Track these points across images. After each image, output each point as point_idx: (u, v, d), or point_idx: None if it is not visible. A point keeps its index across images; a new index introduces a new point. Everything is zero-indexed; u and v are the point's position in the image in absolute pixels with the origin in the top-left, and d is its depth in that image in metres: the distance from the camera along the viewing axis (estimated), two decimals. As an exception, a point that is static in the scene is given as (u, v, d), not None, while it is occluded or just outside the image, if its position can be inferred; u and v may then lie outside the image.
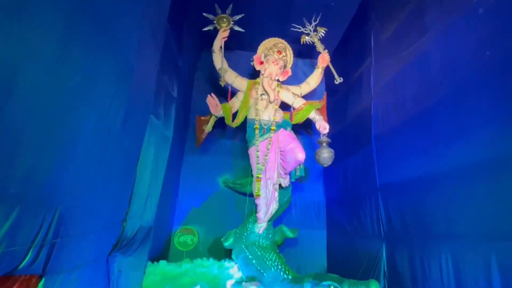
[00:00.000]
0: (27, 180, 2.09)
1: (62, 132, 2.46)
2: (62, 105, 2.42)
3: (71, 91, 2.49)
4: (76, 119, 2.64)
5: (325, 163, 5.44)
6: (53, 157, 2.35)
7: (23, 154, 2.05)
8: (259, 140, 5.98)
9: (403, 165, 4.61)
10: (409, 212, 4.40)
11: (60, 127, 2.43)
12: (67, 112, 2.49)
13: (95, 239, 3.29)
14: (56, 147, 2.39)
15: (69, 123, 2.53)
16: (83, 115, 2.74)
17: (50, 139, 2.31)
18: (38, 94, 2.12)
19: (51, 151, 2.33)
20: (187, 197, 7.50)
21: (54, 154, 2.37)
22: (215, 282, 5.34)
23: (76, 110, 2.61)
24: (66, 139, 2.52)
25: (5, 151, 1.91)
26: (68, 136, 2.54)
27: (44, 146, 2.24)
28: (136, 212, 4.31)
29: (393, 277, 4.65)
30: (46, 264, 2.46)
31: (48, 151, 2.29)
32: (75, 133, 2.64)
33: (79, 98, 2.62)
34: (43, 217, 2.32)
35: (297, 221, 7.39)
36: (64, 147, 2.49)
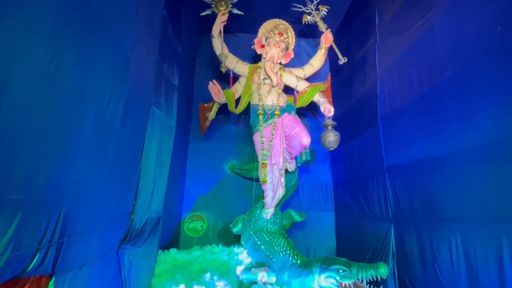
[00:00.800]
0: (28, 184, 2.08)
1: (60, 133, 2.43)
2: (59, 105, 2.38)
3: (67, 90, 2.44)
4: (75, 118, 2.60)
5: (331, 146, 5.37)
6: (53, 158, 2.34)
7: (22, 159, 2.03)
8: (263, 125, 5.91)
9: (410, 146, 4.52)
10: (417, 194, 4.34)
11: (58, 127, 2.40)
12: (64, 111, 2.46)
13: (103, 234, 3.33)
14: (55, 148, 2.37)
15: (67, 123, 2.50)
16: (81, 113, 2.70)
17: (49, 140, 2.29)
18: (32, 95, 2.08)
19: (50, 152, 2.31)
20: (194, 184, 7.54)
21: (54, 156, 2.35)
22: (225, 268, 5.43)
23: (73, 109, 2.57)
24: (65, 139, 2.49)
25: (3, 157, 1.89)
26: (67, 136, 2.51)
27: (42, 149, 2.22)
28: (143, 204, 4.35)
29: (401, 259, 4.65)
30: (55, 263, 2.50)
31: (47, 153, 2.27)
32: (74, 132, 2.61)
33: (76, 96, 2.58)
34: (47, 218, 2.33)
35: (305, 204, 7.41)
36: (64, 147, 2.47)
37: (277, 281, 4.89)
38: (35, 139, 2.15)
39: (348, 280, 4.35)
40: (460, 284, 3.47)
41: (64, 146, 2.48)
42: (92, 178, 2.98)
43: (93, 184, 3.02)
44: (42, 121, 2.20)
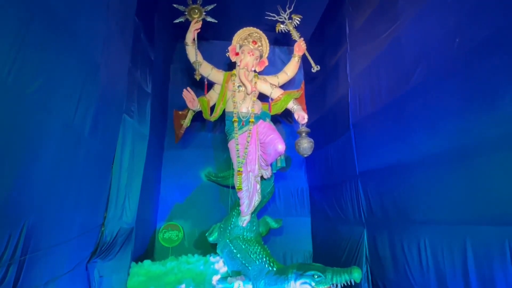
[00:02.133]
0: (-16, 200, 1.97)
1: (22, 143, 2.31)
2: (21, 113, 2.27)
3: (30, 99, 2.34)
4: (38, 127, 2.49)
5: (305, 153, 5.45)
6: (13, 171, 2.22)
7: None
8: (239, 133, 5.91)
9: (381, 152, 4.66)
10: (388, 198, 4.47)
11: (19, 138, 2.28)
12: (26, 120, 2.34)
13: (71, 248, 3.19)
14: (16, 160, 2.25)
15: (29, 134, 2.39)
16: (46, 122, 2.59)
17: (8, 152, 2.17)
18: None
19: (10, 164, 2.19)
20: (170, 192, 7.39)
21: (14, 168, 2.23)
22: (201, 278, 5.34)
23: (37, 118, 2.46)
24: (27, 150, 2.37)
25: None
26: (29, 147, 2.40)
27: (2, 161, 2.10)
28: (114, 215, 4.21)
29: (375, 262, 4.76)
30: (16, 282, 2.36)
31: (6, 165, 2.15)
32: (38, 143, 2.49)
33: (40, 105, 2.47)
34: (8, 235, 2.20)
35: (282, 210, 7.44)
36: (26, 158, 2.35)
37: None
38: (-6, 151, 2.04)
39: (323, 286, 4.40)
40: (429, 285, 3.59)
41: (27, 158, 2.36)
42: (59, 190, 2.85)
43: (60, 196, 2.90)
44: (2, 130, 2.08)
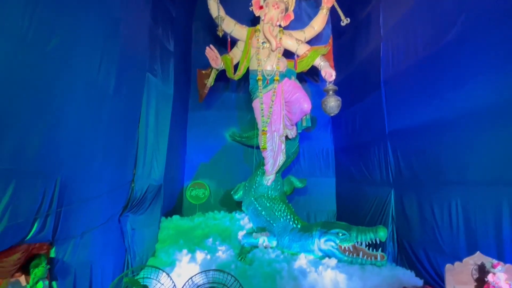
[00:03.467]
0: (18, 154, 2.04)
1: (49, 101, 2.35)
2: (44, 72, 2.28)
3: (51, 56, 2.32)
4: (63, 85, 2.51)
5: (332, 112, 5.25)
6: (42, 128, 2.28)
7: (9, 129, 1.97)
8: (263, 92, 5.76)
9: (413, 110, 4.40)
10: (418, 158, 4.30)
11: (45, 98, 2.31)
12: (51, 78, 2.36)
13: (104, 203, 3.35)
14: (44, 117, 2.30)
15: (55, 91, 2.41)
16: (70, 80, 2.60)
17: (37, 109, 2.22)
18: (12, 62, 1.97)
19: (39, 122, 2.24)
20: (195, 153, 7.53)
21: (43, 125, 2.29)
22: (227, 233, 5.54)
23: (61, 76, 2.47)
24: (54, 108, 2.41)
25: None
26: (56, 104, 2.43)
27: (31, 118, 2.15)
28: (143, 173, 4.35)
29: (401, 222, 4.71)
30: (55, 232, 2.52)
31: (36, 123, 2.21)
32: (63, 100, 2.52)
33: (61, 62, 2.46)
34: (43, 188, 2.31)
35: (306, 170, 7.42)
36: (53, 116, 2.40)
37: (278, 245, 5.00)
38: (22, 108, 2.07)
39: (348, 243, 4.45)
40: (458, 245, 3.52)
41: (54, 115, 2.41)
42: (87, 147, 2.93)
43: (89, 153, 2.99)
44: (28, 89, 2.11)
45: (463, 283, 2.59)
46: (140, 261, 4.30)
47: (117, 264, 3.80)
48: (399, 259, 4.70)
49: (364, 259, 4.36)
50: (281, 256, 4.73)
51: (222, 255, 4.72)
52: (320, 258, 4.60)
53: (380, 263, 4.30)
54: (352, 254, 4.43)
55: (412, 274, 4.20)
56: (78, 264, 2.87)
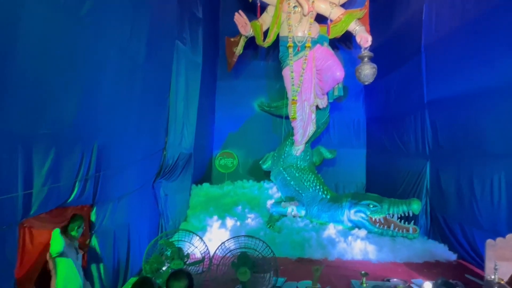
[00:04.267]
0: (57, 119, 2.10)
1: (84, 70, 2.37)
2: (78, 37, 2.27)
3: (83, 21, 2.30)
4: (96, 52, 2.51)
5: (366, 80, 5.00)
6: (78, 94, 2.32)
7: (49, 96, 2.02)
8: (294, 59, 5.56)
9: (456, 77, 4.09)
10: (459, 130, 4.05)
11: (81, 62, 2.33)
12: (85, 45, 2.36)
13: (138, 169, 3.45)
14: (80, 84, 2.33)
15: (89, 58, 2.42)
16: (103, 48, 2.60)
17: (73, 76, 2.24)
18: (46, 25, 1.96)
19: (75, 88, 2.28)
20: (224, 122, 7.57)
21: (79, 91, 2.33)
22: (255, 202, 5.63)
23: (94, 43, 2.47)
24: (90, 77, 2.44)
25: (31, 95, 1.88)
26: (91, 73, 2.45)
27: (68, 87, 2.19)
28: (174, 141, 4.42)
29: (436, 195, 4.54)
30: (95, 195, 2.64)
31: (73, 91, 2.25)
32: (97, 67, 2.54)
33: (94, 29, 2.44)
34: (81, 153, 2.39)
35: (336, 141, 7.26)
36: (88, 83, 2.43)
37: (307, 215, 5.03)
38: (59, 75, 2.10)
39: (379, 215, 4.39)
40: (498, 220, 3.35)
41: (90, 82, 2.44)
42: (121, 115, 2.99)
43: (124, 120, 3.05)
44: (64, 55, 2.13)
45: (506, 259, 2.47)
46: (173, 225, 4.49)
47: (152, 227, 3.99)
48: (432, 232, 4.59)
49: (395, 231, 4.30)
50: (309, 226, 4.78)
51: (251, 222, 4.83)
52: (349, 228, 4.60)
53: (412, 236, 4.23)
54: (383, 226, 4.38)
55: (445, 248, 4.12)
56: (117, 226, 3.03)
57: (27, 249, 2.26)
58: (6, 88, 1.71)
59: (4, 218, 1.74)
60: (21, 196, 1.83)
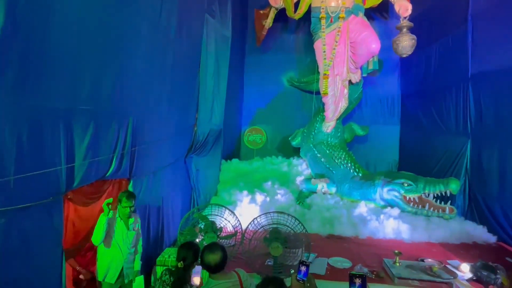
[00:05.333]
0: (94, 95, 2.14)
1: (118, 46, 2.38)
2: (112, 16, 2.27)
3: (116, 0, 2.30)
4: (130, 30, 2.51)
5: (404, 52, 4.70)
6: (114, 73, 2.35)
7: (86, 73, 2.05)
8: (326, 31, 5.32)
9: (505, 49, 3.73)
10: (506, 106, 3.74)
11: (115, 41, 2.34)
12: (119, 23, 2.36)
13: (171, 145, 3.52)
14: (115, 62, 2.35)
15: (123, 36, 2.43)
16: (135, 25, 2.59)
17: (109, 56, 2.27)
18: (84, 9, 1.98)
19: (111, 67, 2.30)
20: (252, 98, 7.50)
21: (114, 70, 2.35)
22: (285, 178, 5.63)
23: (127, 18, 2.46)
24: (123, 54, 2.45)
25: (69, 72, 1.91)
26: (123, 47, 2.46)
27: (103, 63, 2.22)
28: (204, 117, 4.44)
29: (476, 175, 4.30)
30: (131, 169, 2.72)
31: (108, 68, 2.27)
32: (130, 43, 2.54)
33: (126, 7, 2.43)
34: (118, 129, 2.45)
35: (368, 117, 7.01)
36: (122, 59, 2.44)
37: (337, 192, 4.97)
38: (95, 51, 2.12)
39: (413, 194, 4.24)
40: (547, 203, 3.14)
41: (122, 58, 2.45)
42: (154, 91, 3.01)
43: (156, 96, 3.07)
44: (98, 32, 2.13)
45: (556, 244, 2.32)
46: (204, 199, 4.60)
47: (184, 201, 4.11)
48: (469, 213, 4.40)
49: (431, 211, 4.16)
50: (340, 203, 4.73)
51: (281, 198, 4.85)
52: (381, 207, 4.50)
53: (449, 216, 4.08)
54: (417, 206, 4.25)
55: (484, 229, 3.95)
56: (151, 198, 3.14)
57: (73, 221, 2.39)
58: (47, 66, 1.75)
59: (50, 190, 1.83)
60: (64, 169, 1.91)
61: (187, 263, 1.97)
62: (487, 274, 2.67)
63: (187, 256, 1.98)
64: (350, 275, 1.42)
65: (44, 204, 1.79)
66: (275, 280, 1.52)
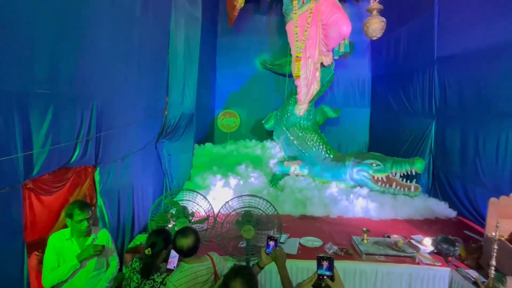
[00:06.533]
0: (53, 79, 2.01)
1: (78, 24, 2.22)
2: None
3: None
4: (90, 6, 2.35)
5: (374, 35, 4.74)
6: (73, 53, 2.19)
7: (42, 54, 1.91)
8: (298, 12, 5.27)
9: (470, 33, 3.87)
10: (469, 88, 3.92)
11: (74, 17, 2.18)
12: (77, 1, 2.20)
13: (140, 129, 3.40)
14: (74, 41, 2.20)
15: (83, 12, 2.27)
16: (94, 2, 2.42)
17: (67, 33, 2.11)
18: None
19: (70, 47, 2.15)
20: (225, 81, 7.40)
21: (74, 50, 2.20)
22: (258, 161, 5.66)
23: None
24: (84, 33, 2.30)
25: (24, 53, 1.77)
26: (85, 27, 2.31)
27: (61, 43, 2.06)
28: (175, 101, 4.33)
29: (439, 154, 4.52)
30: (97, 155, 2.62)
31: (67, 48, 2.12)
32: (92, 23, 2.39)
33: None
34: (80, 113, 2.33)
35: (340, 100, 7.14)
36: (83, 40, 2.30)
37: (309, 174, 5.06)
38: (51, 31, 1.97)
39: (381, 174, 4.40)
40: (501, 179, 3.35)
41: (83, 37, 2.30)
42: (120, 72, 2.88)
43: (122, 78, 2.94)
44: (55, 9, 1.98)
45: (507, 217, 2.49)
46: (177, 184, 4.55)
47: (156, 186, 4.04)
48: (433, 190, 4.64)
49: (397, 189, 4.34)
50: (312, 184, 4.83)
51: (254, 181, 4.89)
52: (351, 187, 4.65)
53: (414, 194, 4.28)
54: (385, 185, 4.42)
55: (445, 205, 4.18)
56: (121, 185, 3.05)
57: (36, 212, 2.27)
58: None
59: (6, 180, 1.73)
60: (21, 157, 1.79)
61: (156, 250, 1.95)
62: (446, 247, 2.85)
63: (157, 242, 1.96)
64: (317, 258, 1.45)
65: (0, 195, 1.69)
66: (243, 269, 1.54)
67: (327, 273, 1.42)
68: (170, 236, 2.07)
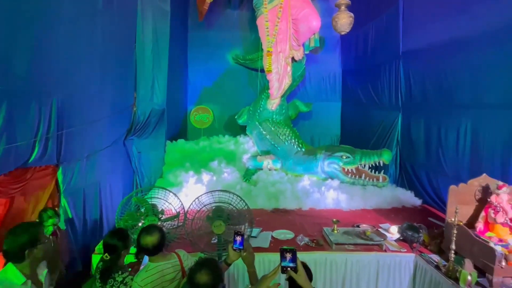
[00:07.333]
0: (7, 74, 1.90)
1: (34, 16, 2.10)
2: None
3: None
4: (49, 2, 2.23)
5: (343, 30, 4.83)
6: (29, 47, 2.08)
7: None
8: (268, 7, 5.26)
9: (433, 27, 4.02)
10: (431, 81, 4.08)
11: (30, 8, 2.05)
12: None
13: (106, 126, 3.29)
14: (30, 35, 2.08)
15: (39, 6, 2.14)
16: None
17: (22, 26, 1.99)
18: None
19: (25, 40, 2.04)
20: (197, 76, 7.29)
21: (30, 44, 2.08)
22: (231, 156, 5.63)
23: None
24: (41, 24, 2.18)
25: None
26: (42, 19, 2.19)
27: (16, 36, 1.95)
28: (144, 96, 4.21)
29: (406, 146, 4.69)
30: (59, 154, 2.51)
31: (22, 41, 2.01)
32: (50, 14, 2.26)
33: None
34: (38, 110, 2.22)
35: (312, 94, 7.24)
36: (40, 33, 2.18)
37: (282, 168, 5.11)
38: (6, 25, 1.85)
39: (351, 165, 4.52)
40: (462, 168, 3.53)
41: (40, 30, 2.18)
42: (82, 68, 2.76)
43: (85, 74, 2.82)
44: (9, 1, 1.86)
45: (466, 203, 2.63)
46: (148, 182, 4.45)
47: (126, 184, 3.94)
48: (400, 180, 4.82)
49: (366, 180, 4.47)
50: (285, 178, 4.87)
51: (228, 177, 4.87)
52: (323, 179, 4.74)
53: (382, 184, 4.42)
54: (355, 176, 4.54)
55: (411, 194, 4.35)
56: (87, 185, 2.95)
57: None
58: None
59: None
60: (-29, 157, 1.69)
61: (116, 253, 1.89)
62: (411, 233, 2.97)
63: (113, 244, 1.90)
64: (280, 250, 1.46)
65: None
66: (208, 261, 1.53)
67: (291, 265, 1.44)
68: (126, 234, 2.02)
